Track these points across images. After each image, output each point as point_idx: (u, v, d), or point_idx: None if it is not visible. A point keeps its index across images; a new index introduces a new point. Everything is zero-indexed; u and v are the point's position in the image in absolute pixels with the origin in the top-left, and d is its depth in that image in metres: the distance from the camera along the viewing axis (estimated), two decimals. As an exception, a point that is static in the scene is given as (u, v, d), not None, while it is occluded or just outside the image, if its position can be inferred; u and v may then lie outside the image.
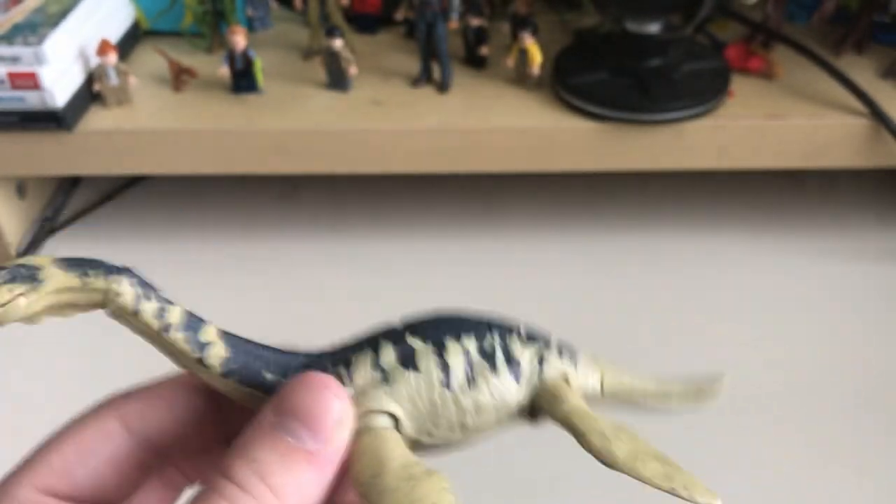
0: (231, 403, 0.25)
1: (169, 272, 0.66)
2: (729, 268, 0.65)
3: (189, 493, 0.28)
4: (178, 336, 0.22)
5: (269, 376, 0.24)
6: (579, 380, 0.26)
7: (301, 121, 0.62)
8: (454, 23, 0.65)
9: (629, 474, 0.23)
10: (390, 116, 0.62)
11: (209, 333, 0.23)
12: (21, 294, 0.21)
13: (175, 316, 0.22)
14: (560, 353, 0.26)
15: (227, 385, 0.24)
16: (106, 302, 0.22)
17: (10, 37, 0.59)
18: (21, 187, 0.69)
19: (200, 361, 0.23)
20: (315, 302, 0.63)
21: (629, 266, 0.65)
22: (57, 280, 0.21)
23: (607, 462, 0.23)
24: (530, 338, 0.25)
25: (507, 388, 0.24)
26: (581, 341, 0.28)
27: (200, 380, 0.24)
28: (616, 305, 0.62)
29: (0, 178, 0.66)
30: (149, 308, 0.22)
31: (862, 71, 0.64)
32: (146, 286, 0.22)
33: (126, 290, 0.22)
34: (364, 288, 0.64)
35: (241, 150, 0.62)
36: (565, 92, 0.61)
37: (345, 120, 0.62)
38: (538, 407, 0.25)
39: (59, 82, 0.60)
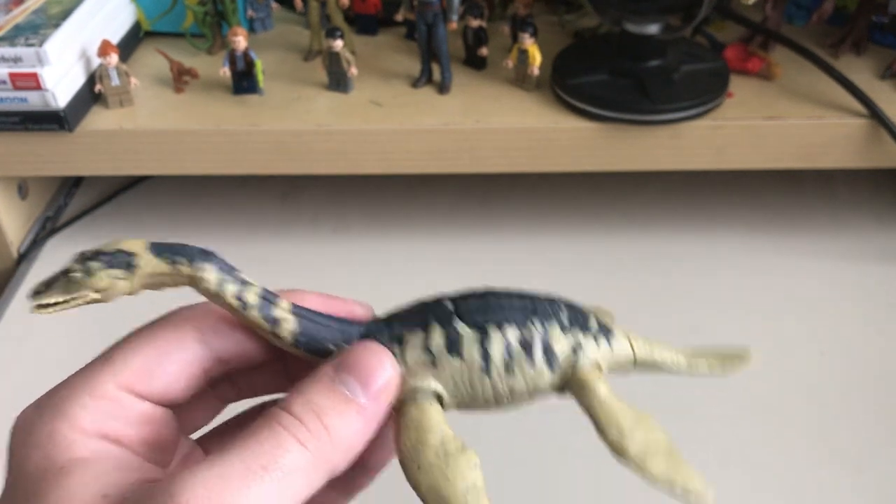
0: None
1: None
2: (727, 268, 0.65)
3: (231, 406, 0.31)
4: (254, 313, 0.26)
5: (332, 347, 0.27)
6: (612, 357, 0.28)
7: (302, 121, 0.62)
8: (454, 24, 0.65)
9: (636, 470, 0.26)
10: (391, 117, 0.62)
11: (281, 309, 0.26)
12: (120, 279, 0.24)
13: (252, 296, 0.25)
14: (596, 337, 0.28)
15: (296, 352, 0.27)
16: (193, 283, 0.25)
17: (11, 37, 0.59)
18: (23, 187, 0.70)
19: (274, 334, 0.26)
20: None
21: (628, 266, 0.66)
22: (149, 266, 0.24)
23: (618, 455, 0.26)
24: (571, 322, 0.27)
25: (540, 376, 0.27)
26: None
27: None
28: (614, 305, 0.62)
29: (2, 179, 0.66)
30: (229, 290, 0.25)
31: (860, 72, 0.65)
32: (228, 269, 0.25)
33: (209, 276, 0.25)
34: (364, 288, 0.65)
35: (242, 151, 0.62)
36: (565, 92, 0.62)
37: (345, 121, 0.62)
38: (568, 388, 0.27)
39: (61, 83, 0.60)
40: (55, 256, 0.68)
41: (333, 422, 0.24)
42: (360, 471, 0.29)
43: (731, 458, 0.51)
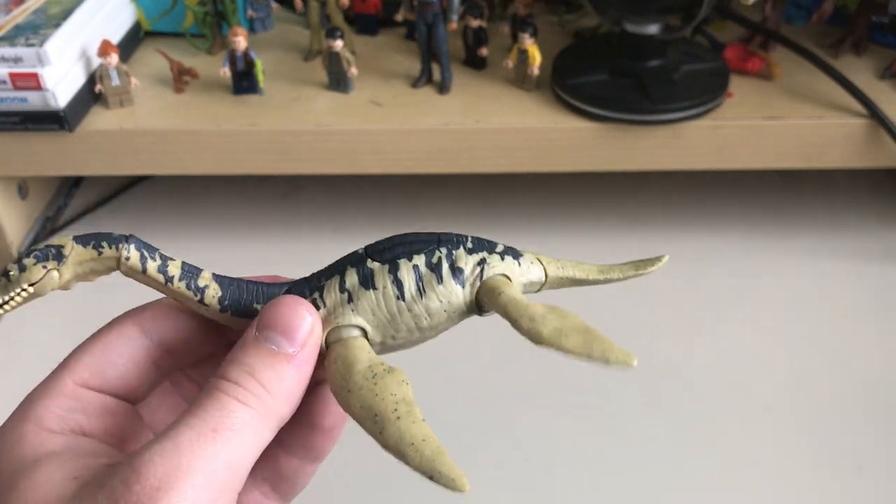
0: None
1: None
2: (727, 268, 0.65)
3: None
4: (179, 285, 0.27)
5: (257, 306, 0.28)
6: (522, 276, 0.29)
7: (302, 121, 0.62)
8: (454, 24, 0.65)
9: (553, 348, 0.26)
10: (391, 117, 0.62)
11: (204, 278, 0.28)
12: (52, 269, 0.26)
13: (175, 269, 0.27)
14: (503, 256, 0.29)
15: (224, 318, 0.29)
16: (119, 265, 0.27)
17: (11, 38, 0.59)
18: (23, 187, 0.70)
19: (201, 301, 0.28)
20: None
21: (628, 266, 0.66)
22: (77, 254, 0.27)
23: (534, 340, 0.26)
24: (476, 246, 0.29)
25: (452, 293, 0.28)
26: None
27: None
28: (614, 305, 0.62)
29: (2, 179, 0.66)
30: (152, 266, 0.27)
31: (860, 72, 0.65)
32: (149, 248, 0.27)
33: (133, 255, 0.27)
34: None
35: (242, 151, 0.62)
36: (565, 92, 0.62)
37: (345, 120, 0.62)
38: (483, 303, 0.28)
39: (61, 83, 0.60)
40: (55, 256, 0.68)
41: (267, 376, 0.26)
42: (319, 434, 0.31)
43: (732, 457, 0.51)
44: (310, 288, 0.28)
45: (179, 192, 0.74)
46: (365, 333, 0.28)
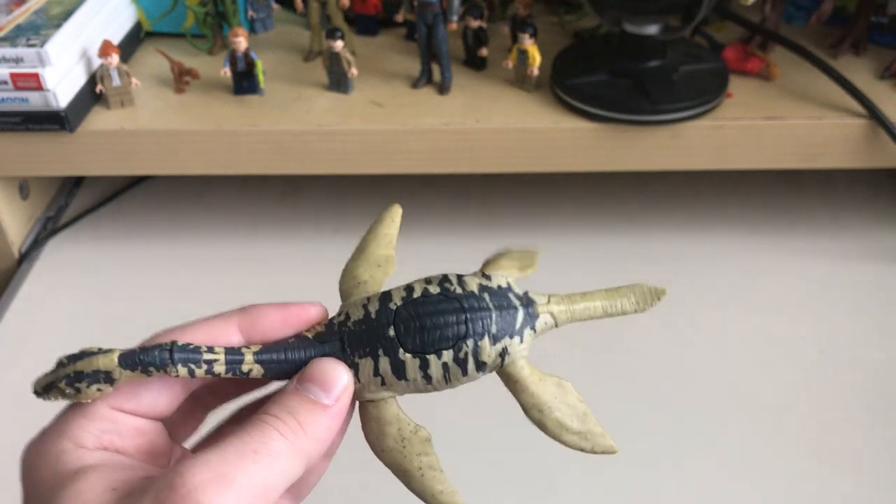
0: None
1: (170, 272, 0.67)
2: (727, 268, 0.65)
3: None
4: (226, 376, 0.30)
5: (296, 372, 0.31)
6: (536, 336, 0.33)
7: (302, 122, 0.62)
8: (454, 24, 0.65)
9: (555, 440, 0.32)
10: (391, 117, 0.62)
11: (247, 363, 0.31)
12: (105, 390, 0.29)
13: (220, 367, 0.30)
14: (522, 331, 0.32)
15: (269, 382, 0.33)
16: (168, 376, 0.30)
17: (12, 38, 0.59)
18: (24, 187, 0.70)
19: (248, 379, 0.31)
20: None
21: (628, 266, 0.66)
22: (126, 376, 0.29)
23: (540, 429, 0.32)
24: (500, 331, 0.32)
25: (472, 379, 0.32)
26: (579, 342, 0.30)
27: None
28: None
29: (3, 179, 0.66)
30: (200, 372, 0.29)
31: (859, 72, 0.65)
32: (192, 354, 0.29)
33: (181, 371, 0.29)
34: (364, 288, 0.65)
35: (243, 151, 0.63)
36: (564, 93, 0.62)
37: (345, 121, 0.62)
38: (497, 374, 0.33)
39: (62, 83, 0.60)
40: (56, 256, 0.68)
41: (305, 418, 0.29)
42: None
43: (731, 457, 0.51)
44: (345, 362, 0.31)
45: (179, 192, 0.75)
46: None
